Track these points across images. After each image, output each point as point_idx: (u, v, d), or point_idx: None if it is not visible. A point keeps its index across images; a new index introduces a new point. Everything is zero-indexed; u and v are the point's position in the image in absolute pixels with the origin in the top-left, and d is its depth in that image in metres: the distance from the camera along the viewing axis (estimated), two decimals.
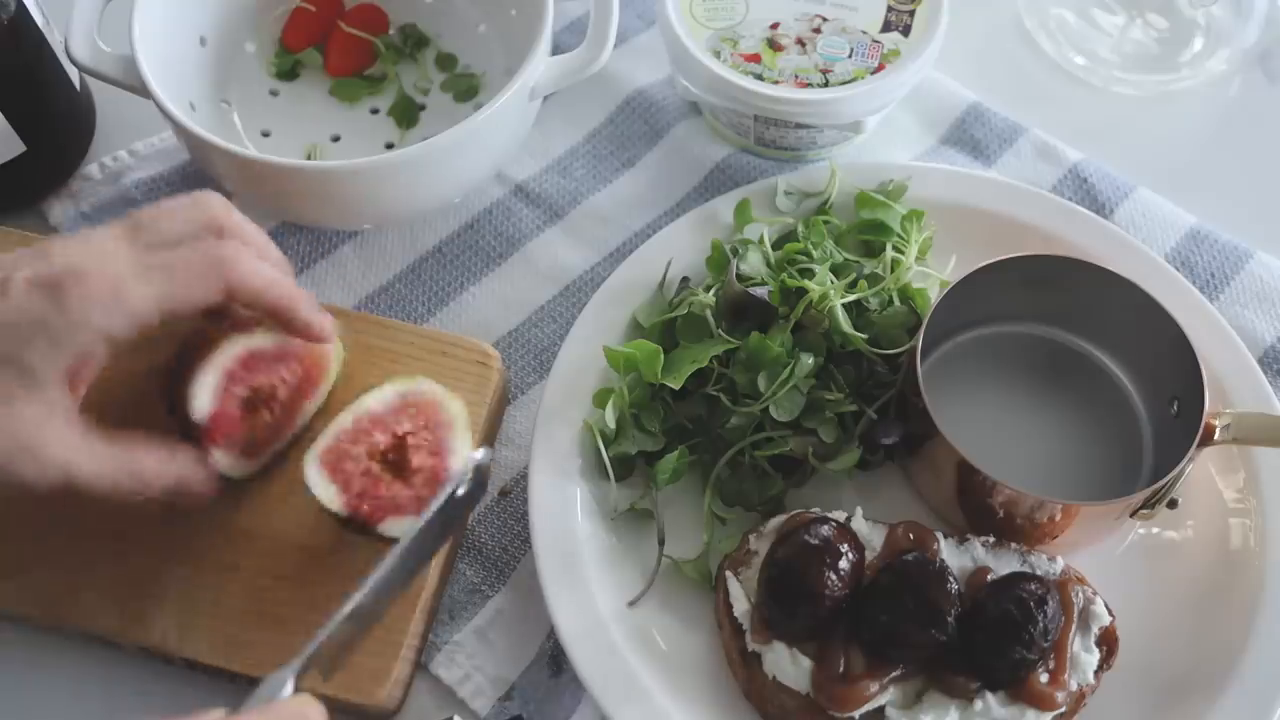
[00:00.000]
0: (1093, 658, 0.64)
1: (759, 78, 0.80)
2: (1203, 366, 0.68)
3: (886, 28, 0.82)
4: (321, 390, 0.72)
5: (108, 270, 0.59)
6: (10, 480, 0.59)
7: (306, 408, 0.71)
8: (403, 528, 0.64)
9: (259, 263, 0.64)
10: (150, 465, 0.63)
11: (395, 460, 0.66)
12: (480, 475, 0.65)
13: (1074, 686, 0.64)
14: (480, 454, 0.64)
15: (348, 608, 0.58)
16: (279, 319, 0.66)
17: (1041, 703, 0.62)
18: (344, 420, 0.67)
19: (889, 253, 0.77)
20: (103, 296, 0.59)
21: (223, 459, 0.66)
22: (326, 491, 0.65)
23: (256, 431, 0.68)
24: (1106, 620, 0.66)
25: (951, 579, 0.63)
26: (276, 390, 0.69)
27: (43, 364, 0.58)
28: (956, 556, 0.67)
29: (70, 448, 0.60)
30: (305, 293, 0.67)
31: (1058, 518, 0.67)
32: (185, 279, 0.61)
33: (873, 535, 0.67)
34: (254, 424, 0.68)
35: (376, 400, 0.68)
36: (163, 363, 0.69)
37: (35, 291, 0.58)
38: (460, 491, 0.63)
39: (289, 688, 0.56)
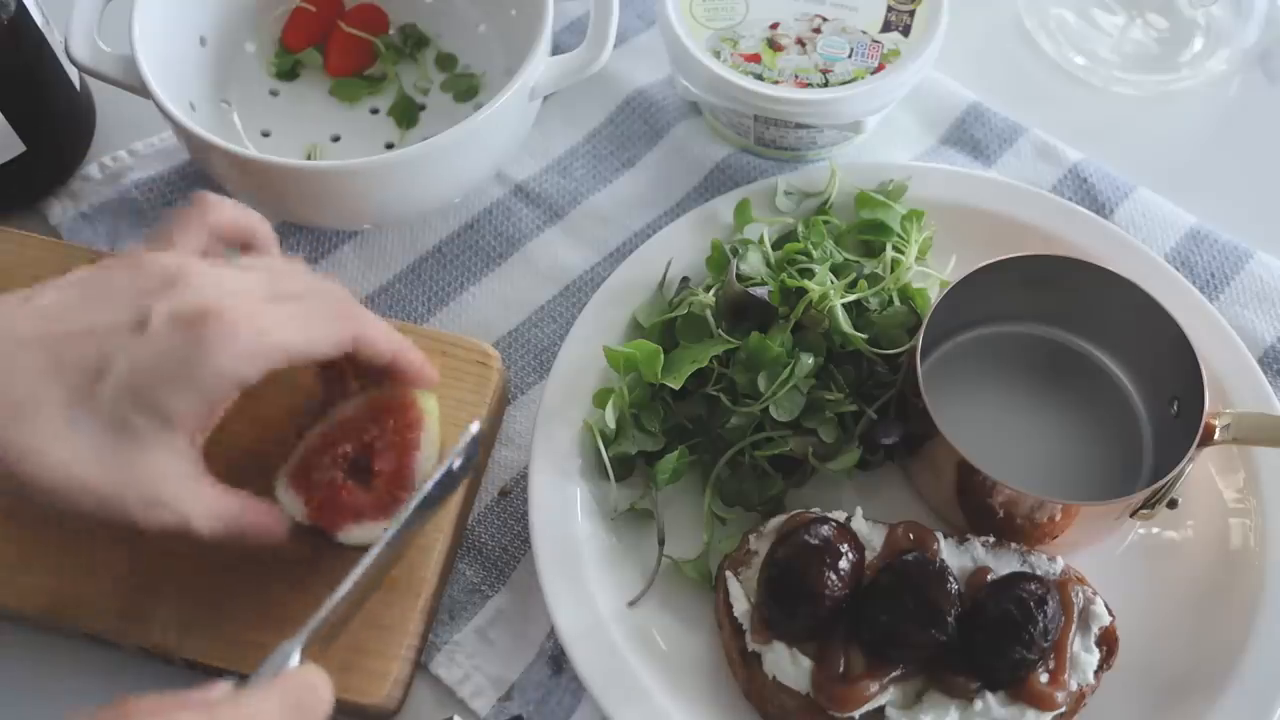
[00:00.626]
0: (1093, 658, 0.64)
1: (759, 78, 0.80)
2: (1203, 366, 0.68)
3: (886, 28, 0.82)
4: (426, 435, 0.68)
5: (247, 310, 0.57)
6: (118, 518, 0.57)
7: (418, 456, 0.67)
8: (363, 535, 0.63)
9: (378, 318, 0.64)
10: (251, 528, 0.62)
11: (362, 466, 0.65)
12: (474, 448, 0.64)
13: (1074, 686, 0.64)
14: (474, 427, 0.64)
15: (350, 582, 0.58)
16: (394, 370, 0.65)
17: (1041, 703, 0.62)
18: (314, 431, 0.67)
19: (889, 253, 0.77)
20: (244, 341, 0.56)
21: (356, 532, 0.64)
22: (293, 504, 0.65)
23: (377, 495, 0.65)
24: (1106, 620, 0.66)
25: (951, 579, 0.63)
26: (373, 446, 0.66)
27: (181, 409, 0.56)
28: (956, 556, 0.67)
29: (189, 499, 0.58)
30: (409, 341, 0.66)
31: (1058, 518, 0.67)
32: (320, 326, 0.60)
33: (873, 535, 0.67)
34: (368, 490, 0.65)
35: (347, 408, 0.67)
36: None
37: (177, 331, 0.55)
38: (456, 465, 0.63)
39: (295, 659, 0.56)
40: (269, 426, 0.71)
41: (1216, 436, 0.67)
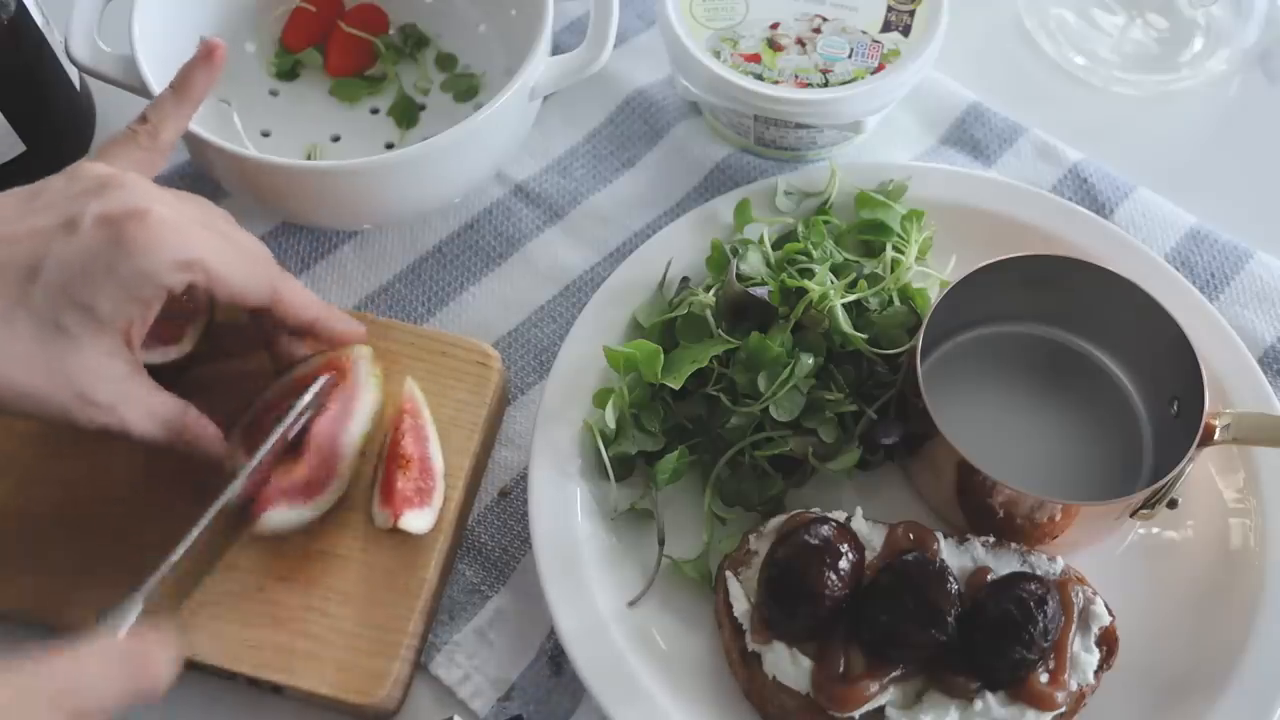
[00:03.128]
0: (1093, 658, 0.64)
1: (759, 78, 0.80)
2: (1203, 366, 0.68)
3: (886, 28, 0.82)
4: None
5: (174, 220, 0.59)
6: (58, 419, 0.59)
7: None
8: (281, 519, 0.64)
9: (297, 281, 0.67)
10: (190, 438, 0.64)
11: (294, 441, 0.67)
12: (315, 400, 0.67)
13: (1074, 686, 0.64)
14: (322, 380, 0.67)
15: (194, 534, 0.60)
16: (316, 330, 0.68)
17: (1041, 703, 0.62)
18: (266, 396, 0.69)
19: (889, 253, 0.77)
20: (168, 245, 0.58)
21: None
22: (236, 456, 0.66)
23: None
24: (1106, 620, 0.66)
25: (951, 579, 0.63)
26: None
27: (108, 308, 0.58)
28: (956, 556, 0.67)
29: (124, 399, 0.60)
30: (333, 307, 0.70)
31: (1058, 518, 0.67)
32: (243, 266, 0.62)
33: (873, 535, 0.67)
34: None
35: (303, 369, 0.69)
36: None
37: (103, 229, 0.57)
38: (296, 426, 0.66)
39: (133, 616, 0.55)
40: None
41: (1216, 436, 0.67)
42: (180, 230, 0.59)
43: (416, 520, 0.68)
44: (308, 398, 0.66)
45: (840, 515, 0.68)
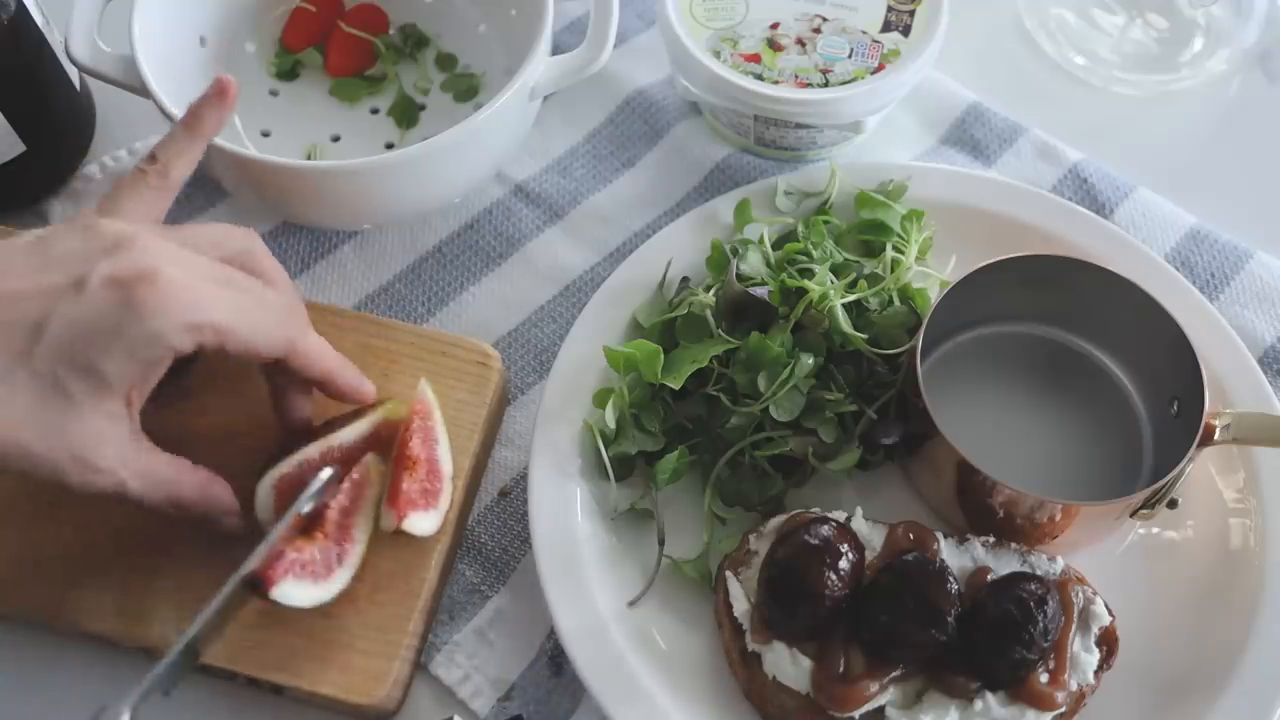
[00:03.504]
0: (1093, 658, 0.64)
1: (759, 78, 0.80)
2: (1203, 366, 0.68)
3: (886, 28, 0.82)
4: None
5: (184, 280, 0.57)
6: (50, 480, 0.57)
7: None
8: (293, 595, 0.63)
9: (317, 335, 0.65)
10: (190, 497, 0.62)
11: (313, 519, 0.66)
12: (322, 493, 0.66)
13: (1074, 686, 0.64)
14: (325, 473, 0.66)
15: (191, 631, 0.59)
16: (326, 386, 0.66)
17: (1041, 703, 0.62)
18: (310, 452, 0.67)
19: (889, 253, 0.77)
20: (177, 308, 0.56)
21: (296, 591, 0.63)
22: (266, 506, 0.66)
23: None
24: (1106, 620, 0.66)
25: (951, 579, 0.63)
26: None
27: (113, 370, 0.56)
28: (956, 556, 0.67)
29: (124, 464, 0.59)
30: (347, 362, 0.68)
31: (1058, 518, 0.67)
32: (257, 322, 0.60)
33: (873, 535, 0.67)
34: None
35: (349, 432, 0.69)
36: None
37: (112, 291, 0.56)
38: (305, 510, 0.65)
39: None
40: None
41: (1216, 436, 0.67)
42: (191, 289, 0.57)
43: (422, 522, 0.67)
44: (306, 507, 0.65)
45: (840, 515, 0.68)
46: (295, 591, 0.63)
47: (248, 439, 0.71)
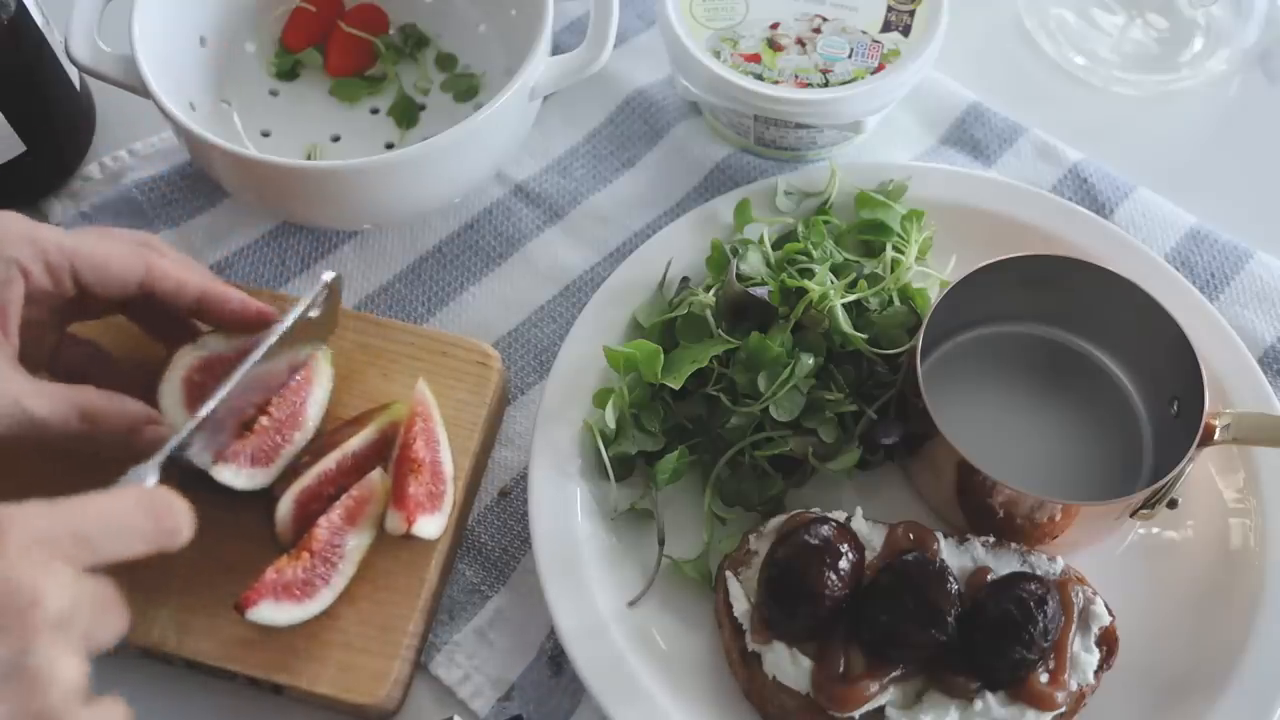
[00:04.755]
0: (1093, 658, 0.64)
1: (759, 78, 0.80)
2: (1203, 366, 0.68)
3: (886, 28, 0.82)
4: (318, 392, 0.71)
5: (16, 215, 0.62)
6: None
7: (309, 411, 0.70)
8: (272, 615, 0.64)
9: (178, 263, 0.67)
10: (100, 404, 0.62)
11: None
12: (330, 293, 0.68)
13: (1074, 686, 0.64)
14: (328, 276, 0.68)
15: (210, 405, 0.61)
16: (207, 307, 0.67)
17: (1041, 703, 0.62)
18: (328, 464, 0.68)
19: (889, 253, 0.77)
20: (13, 224, 0.61)
21: (229, 472, 0.65)
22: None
23: (258, 439, 0.67)
24: (1106, 620, 0.66)
25: (951, 579, 0.63)
26: (267, 410, 0.68)
27: None
28: (956, 556, 0.67)
29: (20, 386, 0.59)
30: (231, 286, 0.69)
31: (1058, 518, 0.67)
32: (104, 241, 0.64)
33: (873, 535, 0.67)
34: (250, 440, 0.67)
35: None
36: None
37: None
38: (313, 314, 0.67)
39: (151, 480, 0.56)
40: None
41: (1216, 436, 0.67)
42: (28, 220, 0.62)
43: (429, 525, 0.68)
44: (314, 310, 0.67)
45: (840, 515, 0.68)
46: (273, 613, 0.63)
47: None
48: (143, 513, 0.50)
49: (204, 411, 0.61)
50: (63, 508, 0.48)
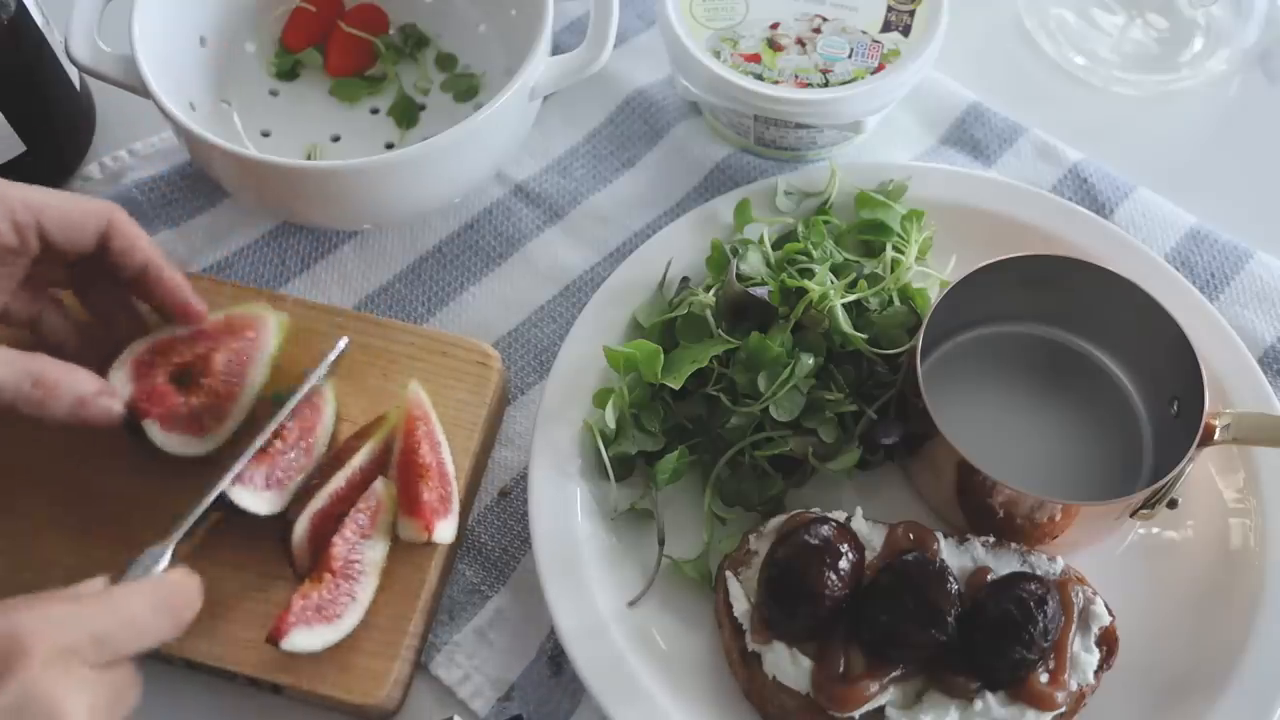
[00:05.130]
0: (1093, 658, 0.64)
1: (759, 78, 0.80)
2: (1203, 366, 0.68)
3: (886, 28, 0.82)
4: (260, 361, 0.72)
5: None
6: None
7: (249, 381, 0.71)
8: (303, 642, 0.64)
9: None
10: (55, 373, 0.62)
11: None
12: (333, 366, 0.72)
13: (1074, 686, 0.64)
14: (342, 344, 0.72)
15: (218, 488, 0.62)
16: (148, 278, 0.67)
17: (1041, 703, 0.62)
18: (338, 482, 0.68)
19: (889, 253, 0.77)
20: None
21: (168, 438, 0.67)
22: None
23: (197, 406, 0.69)
24: (1106, 620, 0.66)
25: (951, 579, 0.63)
26: (209, 364, 0.69)
27: None
28: (956, 556, 0.67)
29: None
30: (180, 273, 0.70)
31: (1058, 518, 0.67)
32: (70, 198, 0.64)
33: (873, 535, 0.67)
34: (192, 399, 0.68)
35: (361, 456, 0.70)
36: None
37: None
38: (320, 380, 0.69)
39: (165, 562, 0.58)
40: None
41: (1216, 436, 0.67)
42: None
43: (446, 530, 0.68)
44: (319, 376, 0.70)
45: (840, 515, 0.68)
46: (307, 639, 0.64)
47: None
48: (158, 610, 0.52)
49: (229, 477, 0.64)
50: (84, 613, 0.49)
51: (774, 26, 0.82)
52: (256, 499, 0.66)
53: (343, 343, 0.70)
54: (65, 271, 0.68)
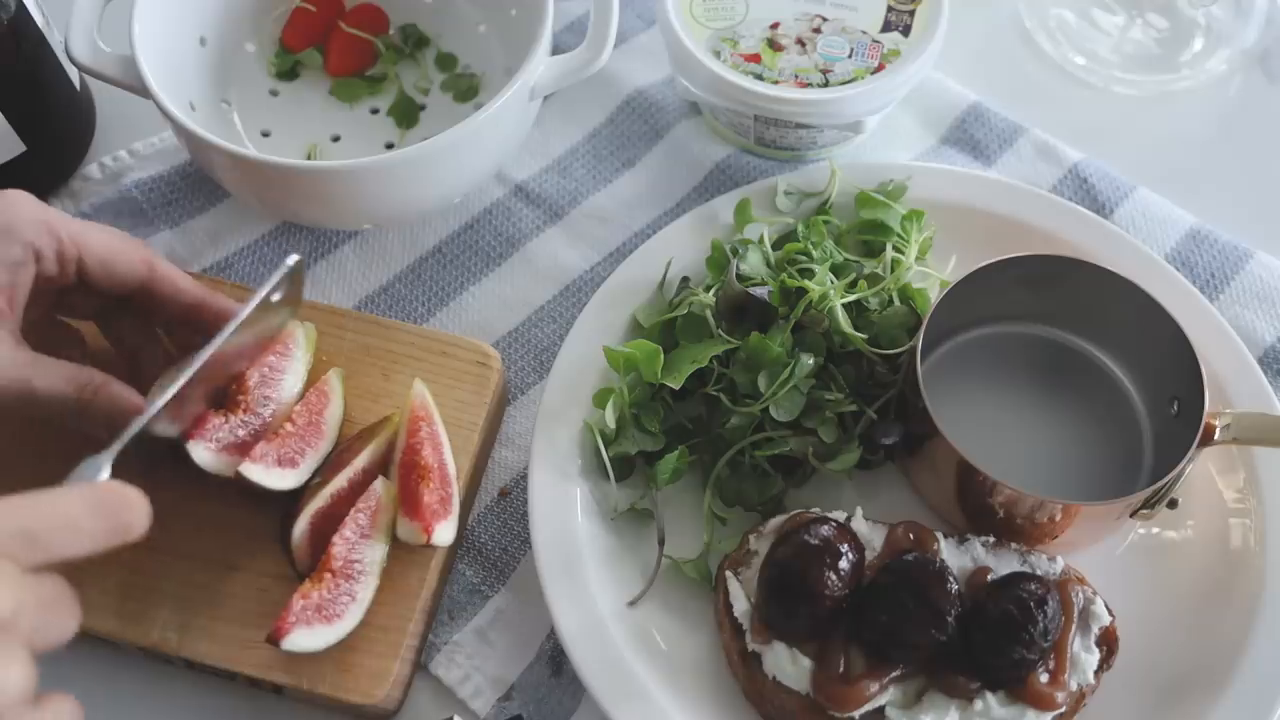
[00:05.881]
0: (1093, 658, 0.64)
1: (759, 78, 0.80)
2: (1203, 366, 0.68)
3: (886, 28, 0.82)
4: (334, 406, 0.71)
5: (30, 196, 0.64)
6: None
7: (282, 394, 0.70)
8: (303, 642, 0.64)
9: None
10: (94, 380, 0.63)
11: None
12: (292, 277, 0.67)
13: (1074, 686, 0.64)
14: (291, 260, 0.67)
15: (164, 398, 0.60)
16: (202, 315, 0.68)
17: (1041, 703, 0.62)
18: (340, 483, 0.68)
19: (889, 253, 0.77)
20: (26, 204, 0.62)
21: (209, 457, 0.66)
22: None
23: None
24: (1106, 620, 0.66)
25: (951, 579, 0.63)
26: (243, 382, 0.68)
27: None
28: (956, 556, 0.67)
29: (22, 362, 0.60)
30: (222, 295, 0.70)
31: (1058, 518, 0.67)
32: (112, 234, 0.65)
33: (873, 535, 0.67)
34: (230, 419, 0.68)
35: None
36: None
37: None
38: (275, 297, 0.66)
39: (105, 473, 0.55)
40: None
41: (1216, 436, 0.67)
42: (39, 202, 0.64)
43: (445, 532, 0.67)
44: (276, 295, 0.66)
45: (840, 515, 0.68)
46: (307, 639, 0.63)
47: None
48: (94, 510, 0.49)
49: (163, 400, 0.61)
50: (9, 505, 0.47)
51: (774, 26, 0.82)
52: (268, 475, 0.66)
53: (292, 259, 0.67)
54: (90, 303, 0.68)
